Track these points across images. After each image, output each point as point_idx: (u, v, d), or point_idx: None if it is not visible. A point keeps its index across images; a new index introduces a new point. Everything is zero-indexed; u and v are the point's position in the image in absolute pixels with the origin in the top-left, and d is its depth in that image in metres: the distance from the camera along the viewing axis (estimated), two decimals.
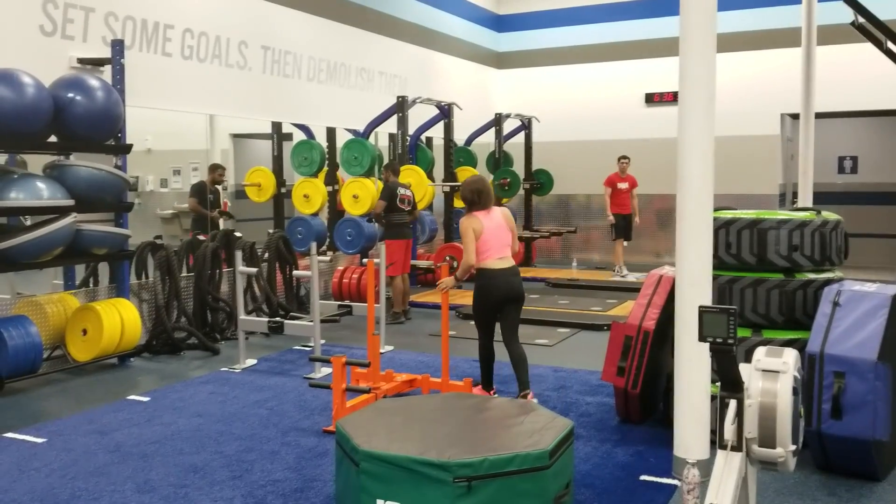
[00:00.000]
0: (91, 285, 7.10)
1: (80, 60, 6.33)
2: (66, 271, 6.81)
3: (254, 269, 6.77)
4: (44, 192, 5.68)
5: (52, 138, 5.94)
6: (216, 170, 9.15)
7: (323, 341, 7.08)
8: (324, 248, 9.58)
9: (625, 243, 11.21)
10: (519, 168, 12.34)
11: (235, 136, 14.68)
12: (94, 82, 5.99)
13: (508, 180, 11.76)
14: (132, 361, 6.56)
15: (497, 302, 5.06)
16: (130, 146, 6.45)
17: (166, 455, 4.36)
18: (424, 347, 7.04)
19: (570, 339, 7.49)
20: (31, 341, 5.64)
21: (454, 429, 3.46)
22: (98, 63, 6.40)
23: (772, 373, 2.89)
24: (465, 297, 9.28)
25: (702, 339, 2.70)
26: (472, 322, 5.48)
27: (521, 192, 12.32)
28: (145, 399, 5.47)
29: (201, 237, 7.73)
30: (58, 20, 6.17)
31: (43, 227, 5.67)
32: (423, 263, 9.61)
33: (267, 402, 5.40)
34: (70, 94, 5.82)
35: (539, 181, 12.64)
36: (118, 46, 6.40)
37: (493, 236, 5.00)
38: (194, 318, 7.11)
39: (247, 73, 8.29)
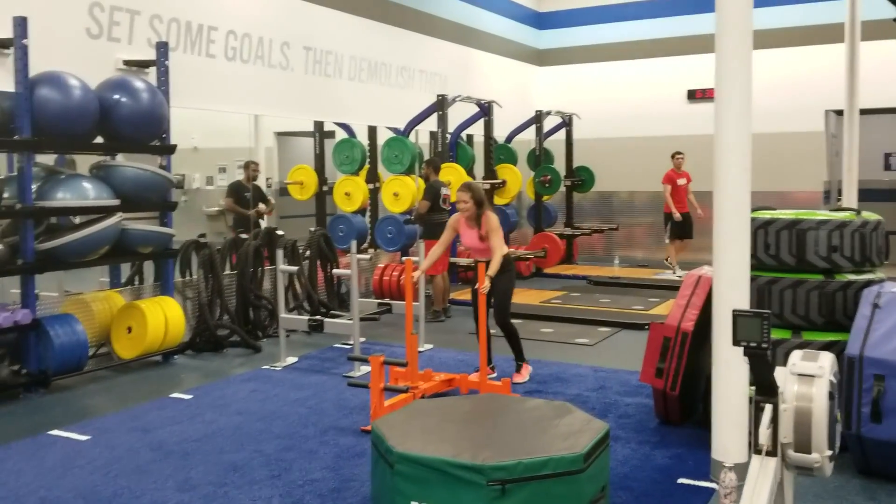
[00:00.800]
0: (136, 283, 7.26)
1: (126, 62, 6.46)
2: (112, 269, 6.97)
3: (294, 268, 6.84)
4: (90, 192, 5.82)
5: (99, 139, 6.09)
6: (250, 166, 9.25)
7: (363, 339, 7.13)
8: (365, 245, 9.64)
9: (680, 241, 11.01)
10: (560, 165, 12.25)
11: (280, 134, 14.89)
12: (139, 84, 6.12)
13: (549, 177, 11.69)
14: (176, 359, 6.69)
15: None
16: (174, 146, 6.57)
17: (207, 453, 4.43)
18: (464, 345, 7.03)
19: (611, 338, 7.42)
20: (77, 339, 5.79)
21: (489, 430, 3.45)
22: (143, 65, 6.53)
23: (807, 377, 2.82)
24: None
25: (736, 342, 2.66)
26: (512, 320, 5.85)
27: (563, 188, 12.23)
28: (188, 397, 5.57)
29: (243, 235, 7.84)
30: (104, 23, 6.31)
31: (89, 226, 5.81)
32: (463, 261, 9.61)
33: (307, 400, 5.45)
34: (116, 96, 5.96)
35: (580, 178, 12.53)
36: (163, 48, 6.53)
37: None
38: (237, 315, 7.22)
39: (289, 74, 8.38)
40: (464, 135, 10.75)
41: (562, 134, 12.48)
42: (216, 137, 14.71)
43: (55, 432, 4.82)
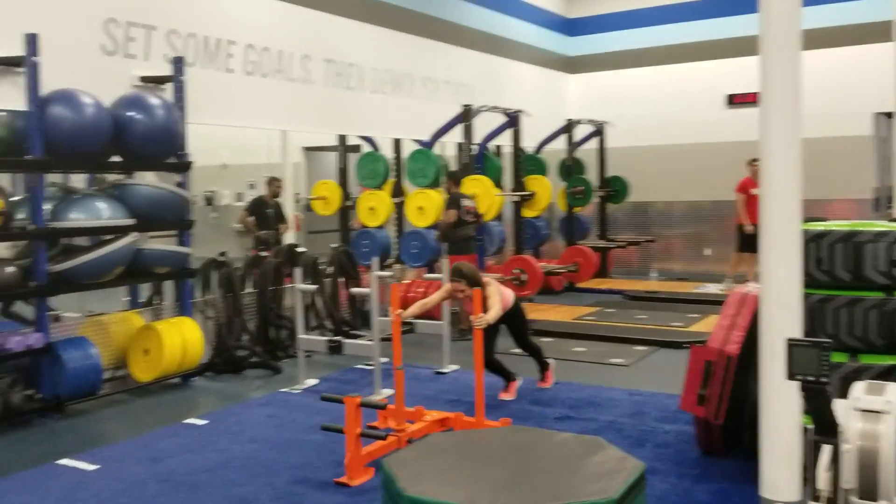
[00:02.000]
0: (156, 303, 7.09)
1: (143, 79, 6.32)
2: (131, 289, 6.81)
3: (313, 287, 6.60)
4: (104, 212, 5.67)
5: (117, 157, 5.94)
6: (273, 182, 9.05)
7: (385, 360, 6.87)
8: (391, 261, 9.41)
9: (749, 255, 10.24)
10: (592, 175, 11.91)
11: (308, 149, 14.77)
12: (153, 100, 5.96)
13: (581, 188, 11.35)
14: (195, 381, 6.49)
15: None
16: (191, 163, 6.41)
17: (216, 486, 4.20)
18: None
19: (647, 357, 7.05)
20: (91, 363, 5.62)
21: (511, 471, 3.14)
22: (160, 81, 6.38)
23: (873, 413, 2.49)
24: (537, 311, 8.96)
25: (791, 376, 2.33)
26: (542, 338, 6.18)
27: (596, 199, 11.88)
28: (202, 423, 5.35)
29: (263, 253, 7.65)
30: (119, 39, 6.18)
31: (103, 247, 5.65)
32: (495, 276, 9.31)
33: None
34: (130, 113, 5.81)
35: (614, 188, 12.16)
36: (179, 64, 6.37)
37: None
38: (257, 335, 7.01)
39: (310, 87, 8.19)
40: (492, 146, 10.47)
41: (594, 143, 12.13)
42: (245, 154, 14.65)
43: (63, 461, 4.62)
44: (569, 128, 11.54)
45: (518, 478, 3.08)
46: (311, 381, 6.31)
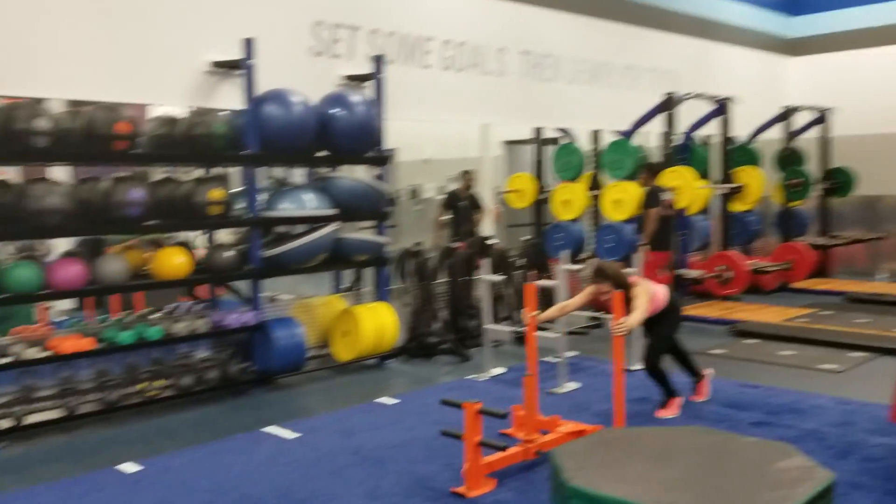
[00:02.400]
0: (358, 288, 7.53)
1: (346, 77, 6.72)
2: (335, 275, 7.29)
3: (499, 277, 6.67)
4: (310, 203, 6.11)
5: (323, 152, 6.38)
6: (465, 175, 9.22)
7: (575, 353, 6.81)
8: (585, 255, 9.26)
9: None
10: (812, 167, 10.92)
11: (508, 142, 14.94)
12: (354, 98, 6.32)
13: (800, 181, 10.45)
14: (390, 363, 6.82)
15: None
16: (388, 157, 6.72)
17: (399, 462, 4.38)
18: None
19: (865, 364, 6.37)
20: (296, 342, 6.08)
21: (683, 472, 2.99)
22: (361, 79, 6.75)
23: None
24: (743, 312, 8.41)
25: None
26: (746, 340, 5.83)
27: (817, 193, 10.90)
28: (393, 402, 5.61)
29: (455, 244, 7.85)
30: (326, 40, 6.61)
31: (308, 235, 6.10)
32: (692, 273, 8.88)
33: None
34: (333, 110, 6.20)
35: (838, 181, 11.06)
36: (379, 62, 6.70)
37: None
38: (448, 323, 7.22)
39: (506, 80, 8.27)
40: (699, 135, 9.95)
41: (816, 131, 11.12)
42: (447, 148, 15.11)
43: (269, 429, 5.05)
44: (786, 115, 10.69)
45: (690, 479, 2.93)
46: (498, 370, 6.39)
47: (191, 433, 5.04)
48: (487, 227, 9.66)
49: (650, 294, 4.90)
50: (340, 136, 6.22)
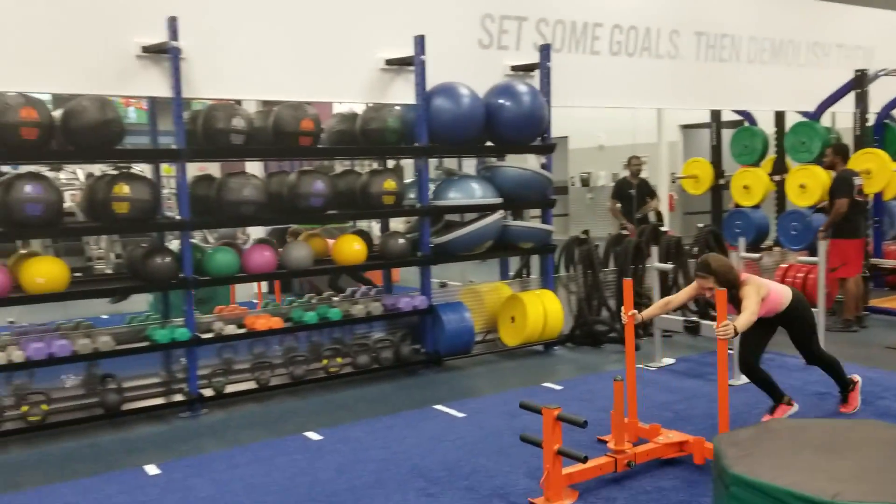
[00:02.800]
0: (524, 276, 7.65)
1: (513, 68, 6.83)
2: (502, 262, 7.45)
3: (668, 266, 6.52)
4: (477, 192, 6.30)
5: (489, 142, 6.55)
6: (632, 161, 9.02)
7: None
8: (769, 243, 8.81)
9: None
10: None
11: (685, 126, 14.43)
12: (521, 88, 6.42)
13: None
14: (556, 350, 6.88)
15: None
16: (554, 146, 6.75)
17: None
18: (877, 361, 6.00)
19: None
20: (465, 326, 6.31)
21: (855, 464, 2.84)
22: (528, 69, 6.83)
23: None
24: None
25: None
26: None
27: None
28: (558, 387, 5.68)
29: (624, 231, 7.75)
30: (494, 33, 6.75)
31: (475, 223, 6.29)
32: (888, 262, 8.18)
33: (674, 404, 5.17)
34: (500, 101, 6.34)
35: None
36: (545, 51, 6.76)
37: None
38: (617, 311, 7.15)
39: (679, 63, 8.02)
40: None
41: None
42: (621, 135, 14.85)
43: (438, 407, 5.30)
44: None
45: (862, 472, 2.79)
46: (668, 361, 6.27)
47: (367, 407, 5.39)
48: (659, 214, 9.42)
49: (763, 294, 4.37)
50: (507, 126, 6.35)
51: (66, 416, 5.04)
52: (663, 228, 7.64)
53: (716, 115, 9.27)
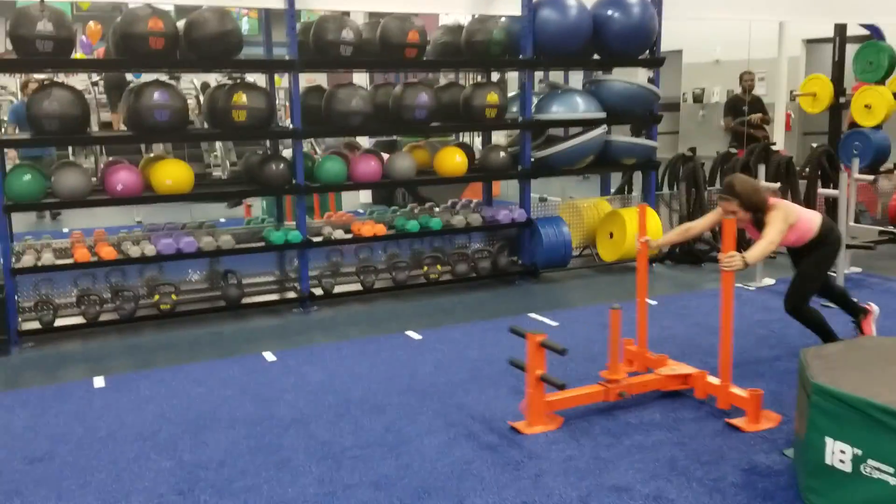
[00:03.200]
0: (626, 192, 7.62)
1: None
2: (603, 178, 7.44)
3: (775, 185, 6.36)
4: (580, 106, 6.29)
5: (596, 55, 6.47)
6: (744, 77, 8.67)
7: (858, 270, 6.39)
8: (888, 166, 8.37)
9: None
10: None
11: (809, 41, 13.56)
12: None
13: None
14: (654, 267, 6.91)
15: None
16: (663, 59, 6.60)
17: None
18: None
19: None
20: (562, 240, 6.42)
21: None
22: None
23: None
24: None
25: None
26: None
27: None
28: (653, 302, 5.72)
29: (733, 150, 7.55)
30: None
31: (577, 137, 6.31)
32: None
33: (770, 323, 5.18)
34: (608, 12, 6.22)
35: None
36: None
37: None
38: (719, 232, 7.07)
39: None
40: None
41: None
42: (738, 49, 14.10)
43: (533, 315, 5.50)
44: None
45: None
46: (768, 281, 6.21)
47: (464, 312, 5.65)
48: (773, 132, 9.07)
49: (791, 220, 4.06)
50: (615, 39, 6.25)
51: (192, 307, 5.54)
52: (774, 147, 7.38)
53: (840, 28, 8.70)
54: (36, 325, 5.06)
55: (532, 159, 6.34)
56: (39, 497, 3.08)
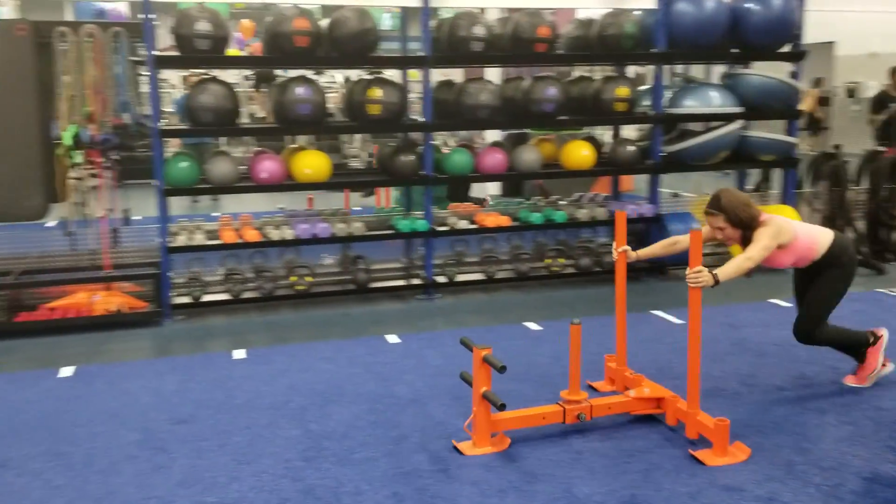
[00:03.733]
0: (763, 190, 7.34)
1: None
2: (740, 175, 7.19)
3: None
4: (715, 100, 6.12)
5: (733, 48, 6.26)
6: (894, 72, 8.07)
7: None
8: None
9: None
10: None
11: None
12: None
13: None
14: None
15: None
16: (804, 53, 6.30)
17: (782, 358, 4.49)
18: None
19: None
20: None
21: None
22: None
23: None
24: None
25: None
26: None
27: None
28: (785, 304, 5.51)
29: (881, 148, 7.09)
30: None
31: (711, 132, 6.14)
32: None
33: None
34: (747, 4, 6.01)
35: None
36: None
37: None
38: (864, 234, 6.70)
39: None
40: None
41: None
42: None
43: (657, 312, 5.45)
44: None
45: None
46: None
47: (585, 306, 5.66)
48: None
49: (784, 240, 3.67)
50: (753, 32, 6.03)
51: (324, 289, 5.87)
52: None
53: None
54: (186, 299, 5.53)
55: (663, 154, 6.24)
56: (182, 454, 3.41)
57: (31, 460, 3.36)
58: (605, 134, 7.93)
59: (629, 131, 7.29)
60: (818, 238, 3.81)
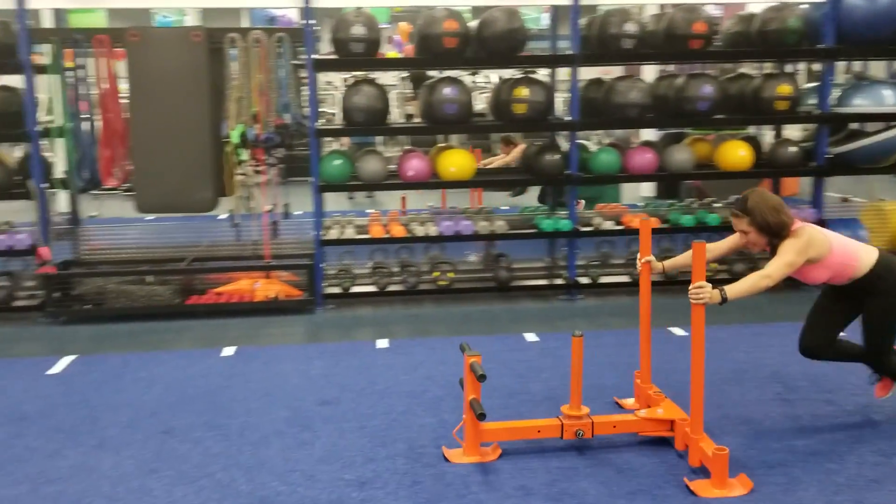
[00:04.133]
0: None
1: None
2: None
3: None
4: (888, 99, 5.67)
5: None
6: None
7: None
8: None
9: None
10: None
11: None
12: None
13: None
14: None
15: None
16: None
17: None
18: None
19: None
20: None
21: None
22: None
23: None
24: None
25: None
26: None
27: None
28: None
29: None
30: None
31: (883, 132, 5.69)
32: None
33: None
34: None
35: None
36: None
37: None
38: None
39: None
40: None
41: None
42: None
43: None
44: None
45: None
46: None
47: (737, 313, 5.32)
48: None
49: (815, 254, 3.30)
50: None
51: (466, 285, 5.98)
52: None
53: None
54: (337, 290, 5.81)
55: (828, 155, 5.85)
56: (325, 433, 3.60)
57: (193, 429, 3.67)
58: (767, 134, 7.54)
59: (794, 132, 6.89)
60: (858, 254, 3.43)
